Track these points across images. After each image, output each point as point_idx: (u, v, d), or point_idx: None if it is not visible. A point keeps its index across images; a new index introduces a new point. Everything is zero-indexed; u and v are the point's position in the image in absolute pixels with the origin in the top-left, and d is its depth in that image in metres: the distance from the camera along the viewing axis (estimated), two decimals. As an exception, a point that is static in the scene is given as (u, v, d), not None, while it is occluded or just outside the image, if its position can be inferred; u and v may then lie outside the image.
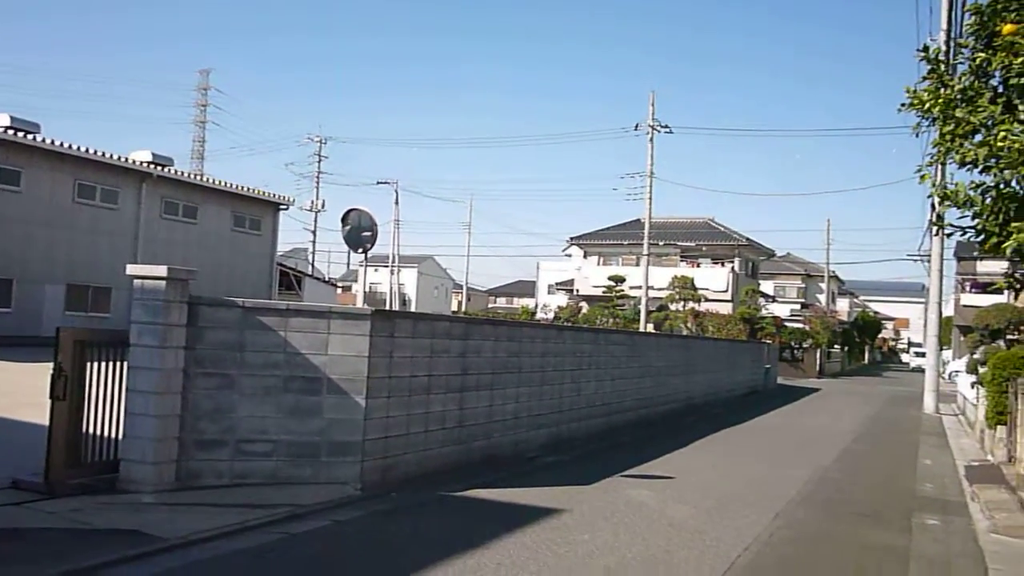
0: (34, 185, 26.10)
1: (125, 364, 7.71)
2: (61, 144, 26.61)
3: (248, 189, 33.99)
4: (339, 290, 50.93)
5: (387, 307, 56.03)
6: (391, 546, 6.69)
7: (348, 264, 73.82)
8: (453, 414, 9.99)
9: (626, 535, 7.42)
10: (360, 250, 9.96)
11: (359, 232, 9.88)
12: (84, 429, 7.49)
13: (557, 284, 66.90)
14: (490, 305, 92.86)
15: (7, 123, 25.61)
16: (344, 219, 9.90)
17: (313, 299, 39.32)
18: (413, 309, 70.78)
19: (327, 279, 53.55)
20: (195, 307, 7.98)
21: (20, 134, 25.65)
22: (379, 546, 6.71)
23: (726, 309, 46.00)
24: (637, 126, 40.45)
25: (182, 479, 7.74)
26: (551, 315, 57.71)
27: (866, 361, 76.08)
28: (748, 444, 15.00)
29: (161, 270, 7.79)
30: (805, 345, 47.43)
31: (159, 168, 30.03)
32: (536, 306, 67.94)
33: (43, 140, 26.23)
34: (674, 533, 7.61)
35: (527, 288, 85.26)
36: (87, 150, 27.34)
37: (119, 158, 28.66)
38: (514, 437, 11.44)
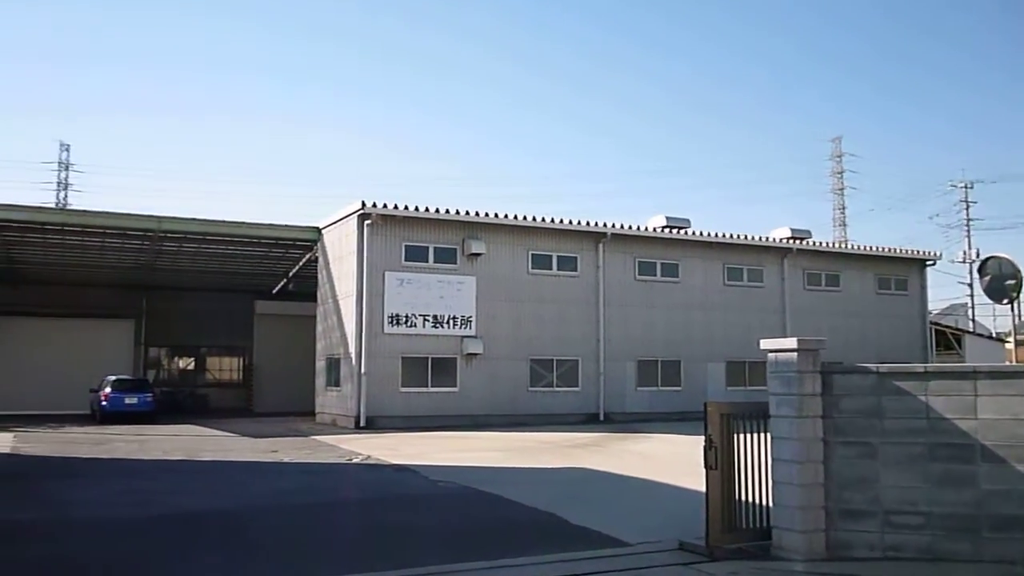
0: (689, 274, 29.15)
1: (767, 434, 8.10)
2: (709, 234, 29.34)
3: (888, 249, 33.16)
4: (1009, 345, 45.78)
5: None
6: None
7: (1019, 316, 66.19)
8: None
9: None
10: (1005, 300, 9.00)
11: (1001, 281, 8.94)
12: (736, 496, 8.02)
13: None
14: None
15: (663, 223, 29.21)
16: (982, 269, 9.08)
17: (975, 358, 36.16)
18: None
19: (993, 335, 48.73)
20: (828, 376, 8.04)
21: (675, 231, 29.02)
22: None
23: None
24: None
25: (832, 549, 7.73)
26: None
27: None
28: None
29: (791, 342, 8.06)
30: None
31: (798, 242, 31.07)
32: None
33: (693, 233, 29.23)
34: None
35: None
36: (731, 235, 29.64)
37: (760, 239, 30.46)
38: None
